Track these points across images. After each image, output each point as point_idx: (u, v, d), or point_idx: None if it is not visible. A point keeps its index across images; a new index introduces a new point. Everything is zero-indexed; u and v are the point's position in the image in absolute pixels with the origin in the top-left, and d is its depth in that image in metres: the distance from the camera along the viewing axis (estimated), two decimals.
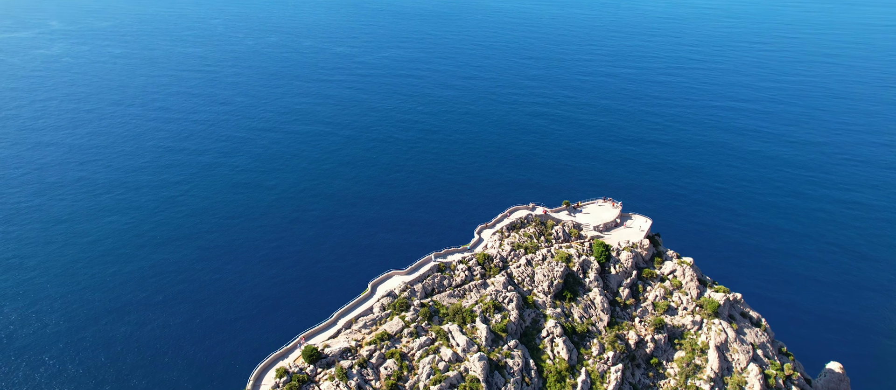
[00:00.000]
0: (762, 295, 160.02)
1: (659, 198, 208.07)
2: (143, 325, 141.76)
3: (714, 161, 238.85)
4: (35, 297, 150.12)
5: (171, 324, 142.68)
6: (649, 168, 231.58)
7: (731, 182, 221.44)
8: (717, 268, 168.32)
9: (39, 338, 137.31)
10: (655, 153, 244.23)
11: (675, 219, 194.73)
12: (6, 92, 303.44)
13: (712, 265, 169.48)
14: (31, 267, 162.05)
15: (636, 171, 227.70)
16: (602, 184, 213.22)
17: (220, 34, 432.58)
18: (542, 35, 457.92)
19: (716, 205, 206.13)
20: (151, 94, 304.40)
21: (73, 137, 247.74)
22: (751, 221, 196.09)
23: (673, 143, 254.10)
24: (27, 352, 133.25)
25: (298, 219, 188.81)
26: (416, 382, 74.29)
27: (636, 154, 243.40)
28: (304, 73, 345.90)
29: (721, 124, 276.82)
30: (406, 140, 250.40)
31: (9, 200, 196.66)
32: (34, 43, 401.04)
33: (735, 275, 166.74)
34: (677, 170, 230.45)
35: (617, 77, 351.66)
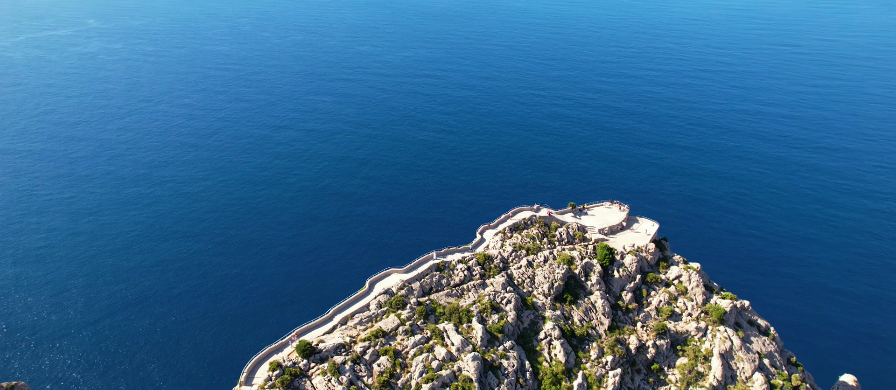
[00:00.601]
0: (783, 305, 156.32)
1: (678, 203, 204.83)
2: (163, 317, 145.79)
3: (738, 166, 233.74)
4: (62, 286, 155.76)
5: (191, 317, 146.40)
6: (670, 172, 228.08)
7: (757, 188, 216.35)
8: (737, 276, 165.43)
9: (65, 326, 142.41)
10: (676, 157, 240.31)
11: (696, 225, 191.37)
12: (42, 88, 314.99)
13: (732, 273, 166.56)
14: (59, 257, 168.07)
15: (656, 176, 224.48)
16: (619, 187, 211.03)
17: (248, 33, 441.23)
18: (565, 36, 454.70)
19: (739, 211, 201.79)
20: (179, 91, 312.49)
21: (103, 132, 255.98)
22: (775, 229, 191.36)
23: (695, 148, 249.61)
24: (53, 340, 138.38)
25: (316, 217, 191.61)
26: (408, 380, 75.10)
27: (656, 158, 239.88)
28: (327, 71, 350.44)
29: (747, 129, 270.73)
30: (425, 140, 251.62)
31: (42, 192, 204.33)
32: (72, 40, 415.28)
33: (755, 284, 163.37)
34: (699, 174, 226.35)
35: (640, 79, 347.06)
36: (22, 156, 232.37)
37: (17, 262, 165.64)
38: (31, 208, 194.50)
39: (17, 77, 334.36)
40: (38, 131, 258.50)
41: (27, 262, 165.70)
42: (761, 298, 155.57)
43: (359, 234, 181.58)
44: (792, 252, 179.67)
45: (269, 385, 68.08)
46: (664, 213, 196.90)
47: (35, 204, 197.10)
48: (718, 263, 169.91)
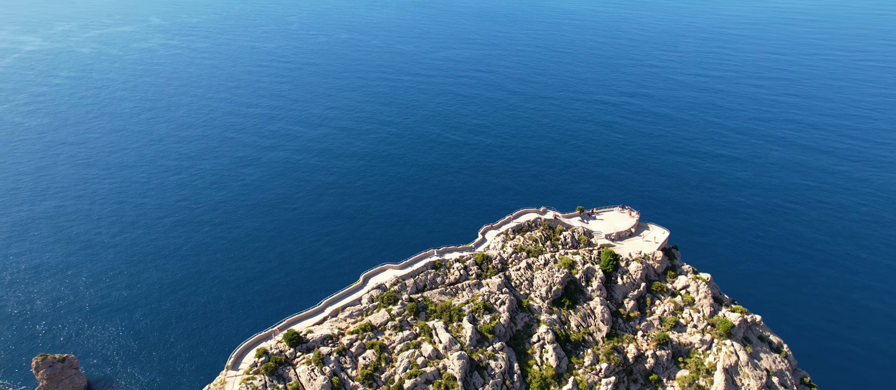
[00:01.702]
0: (819, 326, 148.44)
1: (710, 213, 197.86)
2: (194, 299, 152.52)
3: (782, 178, 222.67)
4: (106, 269, 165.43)
5: (219, 298, 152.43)
6: (705, 181, 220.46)
7: (806, 204, 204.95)
8: (767, 292, 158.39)
9: (110, 305, 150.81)
10: (714, 167, 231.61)
11: (728, 238, 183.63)
12: (102, 81, 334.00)
13: (763, 289, 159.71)
14: (109, 244, 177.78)
15: (689, 185, 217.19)
16: (647, 196, 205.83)
17: (295, 31, 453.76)
18: (609, 38, 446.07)
19: (778, 224, 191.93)
20: (222, 86, 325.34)
21: (149, 125, 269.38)
22: (818, 246, 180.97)
23: (737, 158, 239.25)
24: (99, 318, 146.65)
25: (340, 213, 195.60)
26: (392, 375, 76.40)
27: (691, 166, 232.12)
28: (367, 70, 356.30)
29: (798, 140, 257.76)
30: (456, 141, 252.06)
31: (92, 179, 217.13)
32: (135, 36, 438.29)
33: (790, 302, 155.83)
34: (737, 185, 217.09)
35: (684, 85, 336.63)
36: (75, 147, 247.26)
37: (68, 245, 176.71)
38: (83, 194, 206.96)
39: (82, 70, 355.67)
40: (94, 121, 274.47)
41: (77, 246, 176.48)
42: (795, 318, 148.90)
43: (379, 233, 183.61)
44: (837, 272, 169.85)
45: (254, 370, 70.74)
46: (692, 224, 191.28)
47: (87, 190, 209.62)
48: (748, 279, 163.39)
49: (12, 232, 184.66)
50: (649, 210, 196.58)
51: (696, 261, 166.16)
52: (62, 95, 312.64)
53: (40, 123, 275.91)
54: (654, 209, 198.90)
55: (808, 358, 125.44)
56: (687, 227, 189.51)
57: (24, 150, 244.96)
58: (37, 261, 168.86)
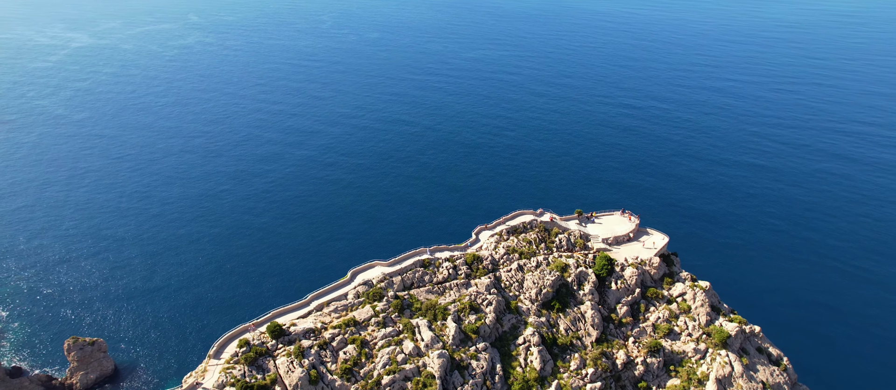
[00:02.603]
0: (834, 343, 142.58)
1: (732, 223, 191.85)
2: (219, 287, 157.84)
3: (817, 191, 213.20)
4: (128, 257, 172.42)
5: (235, 292, 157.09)
6: (728, 189, 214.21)
7: (841, 217, 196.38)
8: (781, 305, 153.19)
9: (140, 291, 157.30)
10: (741, 176, 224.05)
11: (751, 250, 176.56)
12: (141, 78, 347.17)
13: (777, 302, 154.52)
14: (134, 234, 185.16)
15: (712, 193, 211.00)
16: (663, 203, 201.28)
17: (326, 30, 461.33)
18: (641, 40, 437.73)
19: (814, 239, 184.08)
20: (256, 83, 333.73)
21: (182, 121, 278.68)
22: (859, 264, 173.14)
23: (767, 168, 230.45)
24: (130, 303, 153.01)
25: (355, 211, 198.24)
26: (371, 370, 77.60)
27: (717, 173, 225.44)
28: (394, 71, 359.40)
29: (837, 150, 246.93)
30: (478, 143, 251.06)
31: (132, 176, 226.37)
32: (173, 34, 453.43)
33: (807, 318, 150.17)
34: (763, 196, 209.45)
35: (716, 90, 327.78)
36: (109, 140, 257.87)
37: (97, 233, 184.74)
38: (113, 184, 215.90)
39: (123, 66, 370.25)
40: (128, 116, 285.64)
41: (105, 234, 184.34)
42: (819, 337, 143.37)
43: (389, 233, 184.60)
44: (867, 290, 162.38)
45: (235, 360, 72.98)
46: (711, 233, 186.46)
47: (116, 181, 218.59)
48: (771, 296, 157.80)
49: (47, 217, 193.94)
50: (668, 217, 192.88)
51: (711, 271, 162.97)
52: (103, 90, 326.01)
53: (81, 116, 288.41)
54: (673, 216, 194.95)
55: (811, 374, 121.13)
56: (705, 236, 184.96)
57: (64, 141, 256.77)
58: (68, 248, 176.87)
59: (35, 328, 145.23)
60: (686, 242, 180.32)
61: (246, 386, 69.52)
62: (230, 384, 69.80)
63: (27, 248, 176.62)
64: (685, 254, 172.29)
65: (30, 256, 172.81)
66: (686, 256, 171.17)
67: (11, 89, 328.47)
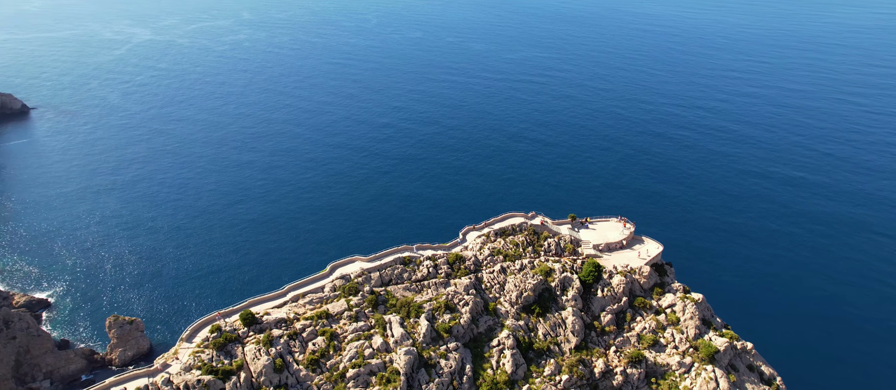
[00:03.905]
0: (841, 368, 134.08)
1: (774, 242, 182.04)
2: (232, 279, 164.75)
3: (874, 210, 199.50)
4: (164, 242, 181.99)
5: (260, 281, 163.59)
6: (769, 204, 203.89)
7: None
8: (808, 332, 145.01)
9: (174, 278, 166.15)
10: (789, 192, 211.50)
11: (791, 272, 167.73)
12: (193, 72, 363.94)
13: (793, 324, 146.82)
14: (174, 223, 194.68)
15: (749, 209, 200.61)
16: (692, 215, 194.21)
17: (371, 28, 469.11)
18: (691, 44, 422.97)
19: (858, 259, 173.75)
20: (296, 79, 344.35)
21: (221, 116, 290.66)
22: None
23: (819, 184, 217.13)
24: (166, 286, 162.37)
25: (380, 211, 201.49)
26: (337, 363, 79.34)
27: (759, 187, 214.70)
28: (433, 71, 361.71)
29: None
30: (513, 149, 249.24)
31: (173, 166, 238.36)
32: (227, 30, 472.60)
33: (828, 346, 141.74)
34: (814, 216, 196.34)
35: (766, 98, 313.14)
36: (159, 132, 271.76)
37: (140, 220, 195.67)
38: (155, 172, 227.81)
39: (177, 61, 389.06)
40: (177, 108, 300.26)
41: (149, 220, 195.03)
42: (808, 353, 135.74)
43: (405, 234, 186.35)
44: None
45: (205, 344, 76.27)
46: (738, 248, 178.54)
47: (158, 169, 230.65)
48: (798, 315, 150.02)
49: (96, 202, 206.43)
50: (690, 230, 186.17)
51: (730, 285, 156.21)
52: (158, 83, 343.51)
53: (136, 108, 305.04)
54: (695, 229, 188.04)
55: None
56: (732, 251, 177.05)
57: (115, 131, 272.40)
58: (113, 232, 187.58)
59: (82, 304, 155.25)
60: (704, 255, 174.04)
61: (211, 370, 72.57)
62: (197, 367, 73.04)
63: (77, 230, 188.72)
64: (703, 268, 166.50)
65: (80, 237, 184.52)
66: (704, 270, 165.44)
67: (76, 81, 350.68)
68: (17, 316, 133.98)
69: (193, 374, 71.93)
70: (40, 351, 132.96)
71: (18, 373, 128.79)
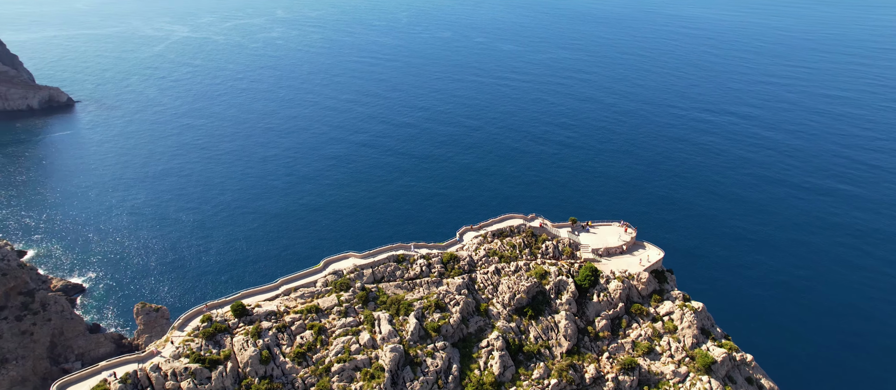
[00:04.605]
0: None
1: (804, 255, 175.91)
2: (258, 270, 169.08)
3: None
4: (189, 234, 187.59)
5: (285, 258, 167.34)
6: (795, 214, 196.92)
7: None
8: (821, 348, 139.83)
9: (197, 269, 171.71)
10: (827, 205, 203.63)
11: (819, 287, 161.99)
12: (226, 68, 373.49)
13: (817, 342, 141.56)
14: (203, 215, 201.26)
15: (781, 219, 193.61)
16: (708, 226, 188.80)
17: (403, 26, 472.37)
18: (727, 47, 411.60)
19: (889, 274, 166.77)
20: (332, 77, 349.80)
21: (246, 112, 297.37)
22: None
23: (860, 199, 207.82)
24: (192, 276, 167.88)
25: (397, 210, 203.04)
26: (323, 357, 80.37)
27: (787, 198, 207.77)
28: (460, 71, 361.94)
29: None
30: (533, 152, 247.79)
31: (200, 158, 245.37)
32: (261, 27, 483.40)
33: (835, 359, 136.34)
34: (849, 230, 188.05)
35: (800, 105, 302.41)
36: (191, 126, 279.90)
37: (168, 210, 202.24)
38: (184, 164, 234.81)
39: (212, 58, 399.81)
40: (208, 103, 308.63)
41: (177, 210, 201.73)
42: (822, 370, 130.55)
43: (407, 232, 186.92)
44: None
45: (195, 333, 78.33)
46: (767, 264, 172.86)
47: (187, 161, 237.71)
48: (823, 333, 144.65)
49: (128, 193, 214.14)
50: (717, 241, 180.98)
51: (745, 301, 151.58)
52: (191, 79, 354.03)
53: (170, 102, 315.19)
54: (726, 240, 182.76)
55: None
56: (755, 263, 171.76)
57: (149, 125, 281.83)
58: (141, 222, 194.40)
59: (113, 291, 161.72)
60: (723, 265, 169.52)
61: (198, 358, 74.50)
62: (186, 355, 75.09)
63: (111, 219, 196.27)
64: (721, 277, 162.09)
65: (112, 226, 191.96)
66: (722, 280, 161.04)
67: (117, 75, 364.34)
68: (53, 299, 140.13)
69: (181, 362, 73.98)
70: (73, 334, 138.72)
71: (53, 353, 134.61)
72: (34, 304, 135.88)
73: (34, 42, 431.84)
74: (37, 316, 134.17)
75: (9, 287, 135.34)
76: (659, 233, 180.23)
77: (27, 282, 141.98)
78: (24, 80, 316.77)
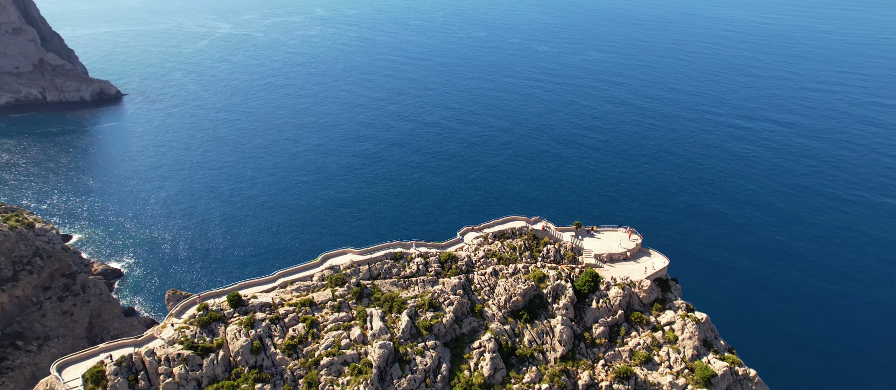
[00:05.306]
0: None
1: (843, 273, 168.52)
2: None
3: None
4: (216, 224, 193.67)
5: (308, 252, 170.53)
6: (843, 230, 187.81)
7: None
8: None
9: (224, 259, 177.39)
10: (871, 220, 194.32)
11: (876, 311, 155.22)
12: (265, 64, 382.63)
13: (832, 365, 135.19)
14: (235, 207, 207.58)
15: (823, 234, 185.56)
16: (740, 238, 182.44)
17: (438, 26, 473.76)
18: (771, 52, 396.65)
19: None
20: (366, 76, 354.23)
21: (279, 108, 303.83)
22: None
23: None
24: (222, 267, 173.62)
25: (403, 205, 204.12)
26: (313, 350, 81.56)
27: (831, 212, 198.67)
28: (491, 73, 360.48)
29: None
30: (560, 155, 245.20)
31: (232, 152, 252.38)
32: (300, 25, 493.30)
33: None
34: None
35: (851, 116, 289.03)
36: (226, 121, 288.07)
37: (199, 201, 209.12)
38: (216, 158, 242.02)
39: (251, 54, 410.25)
40: (243, 97, 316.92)
41: (219, 201, 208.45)
42: None
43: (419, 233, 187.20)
44: None
45: (191, 321, 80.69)
46: (795, 278, 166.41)
47: (220, 155, 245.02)
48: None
49: (164, 182, 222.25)
50: (746, 253, 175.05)
51: (764, 316, 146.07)
52: (230, 74, 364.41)
53: (209, 96, 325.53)
54: (757, 252, 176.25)
55: None
56: (785, 279, 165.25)
57: (189, 118, 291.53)
58: (174, 211, 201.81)
59: (148, 277, 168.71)
60: (746, 277, 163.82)
61: (192, 345, 76.73)
62: (180, 341, 77.42)
63: (148, 207, 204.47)
64: (743, 291, 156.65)
65: (150, 215, 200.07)
66: (742, 293, 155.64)
67: (162, 70, 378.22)
68: (92, 282, 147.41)
69: (175, 348, 76.30)
70: (109, 316, 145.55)
71: (90, 334, 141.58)
72: (75, 286, 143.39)
73: (88, 37, 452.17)
74: (77, 297, 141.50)
75: (53, 269, 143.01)
76: (682, 241, 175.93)
77: (70, 265, 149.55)
78: (79, 74, 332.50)
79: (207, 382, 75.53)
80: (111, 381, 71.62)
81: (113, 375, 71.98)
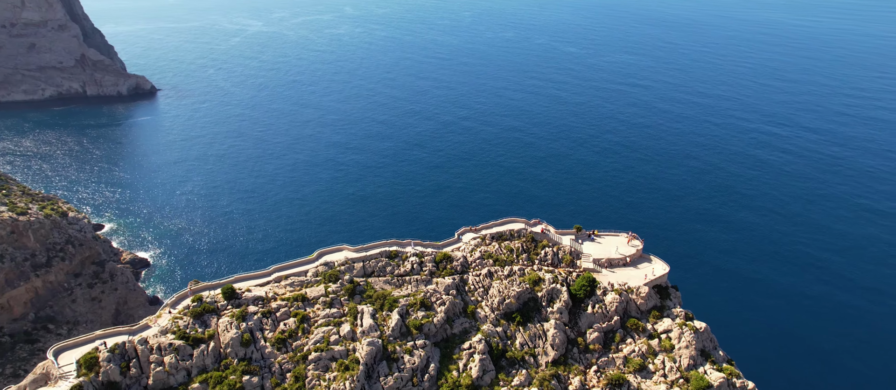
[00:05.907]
0: None
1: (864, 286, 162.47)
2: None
3: None
4: (244, 215, 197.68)
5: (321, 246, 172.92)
6: (874, 245, 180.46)
7: None
8: None
9: (243, 252, 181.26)
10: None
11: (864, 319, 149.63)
12: (293, 62, 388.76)
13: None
14: (270, 191, 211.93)
15: (854, 249, 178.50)
16: (770, 249, 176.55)
17: (466, 25, 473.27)
18: (808, 55, 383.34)
19: None
20: (393, 76, 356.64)
21: (303, 106, 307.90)
22: None
23: None
24: (242, 260, 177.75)
25: (416, 204, 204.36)
26: (303, 345, 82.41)
27: (866, 225, 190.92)
28: (512, 74, 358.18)
29: None
30: (582, 159, 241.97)
31: (251, 151, 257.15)
32: (329, 23, 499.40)
33: None
34: None
35: (886, 124, 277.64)
36: (252, 118, 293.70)
37: (224, 195, 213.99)
38: (237, 156, 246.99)
39: (280, 52, 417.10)
40: (268, 94, 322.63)
41: (232, 195, 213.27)
42: None
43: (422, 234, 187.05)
44: None
45: (185, 312, 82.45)
46: (822, 291, 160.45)
47: (239, 154, 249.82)
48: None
49: (189, 176, 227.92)
50: (777, 265, 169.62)
51: (779, 328, 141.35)
52: (259, 71, 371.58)
53: (237, 91, 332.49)
54: (788, 265, 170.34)
55: None
56: (813, 293, 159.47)
57: (217, 113, 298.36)
58: (197, 204, 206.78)
59: (172, 267, 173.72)
60: (763, 288, 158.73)
61: (184, 335, 78.41)
62: (172, 331, 79.20)
63: (174, 199, 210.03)
64: (761, 302, 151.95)
65: (176, 207, 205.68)
66: (753, 303, 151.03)
67: (195, 66, 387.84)
68: (120, 271, 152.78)
69: (167, 337, 78.06)
70: (135, 304, 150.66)
71: (116, 321, 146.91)
72: (104, 274, 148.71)
73: (127, 33, 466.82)
74: (106, 285, 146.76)
75: (84, 256, 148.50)
76: (699, 248, 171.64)
77: (100, 254, 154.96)
78: (117, 69, 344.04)
79: (197, 372, 77.06)
80: (104, 367, 73.66)
81: (106, 362, 74.02)
